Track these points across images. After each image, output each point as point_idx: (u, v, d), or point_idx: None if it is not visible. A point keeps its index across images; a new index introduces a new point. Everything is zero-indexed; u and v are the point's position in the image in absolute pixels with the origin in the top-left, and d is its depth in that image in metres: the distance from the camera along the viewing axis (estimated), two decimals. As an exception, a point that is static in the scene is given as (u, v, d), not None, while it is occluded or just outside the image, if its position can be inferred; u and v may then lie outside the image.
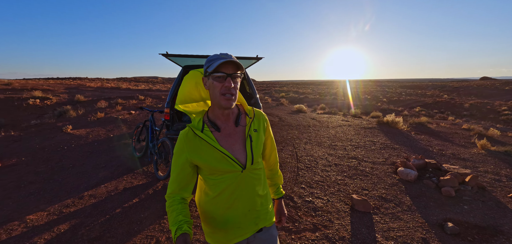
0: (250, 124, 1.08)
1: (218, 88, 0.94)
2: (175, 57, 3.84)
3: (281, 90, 33.06)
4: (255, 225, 1.10)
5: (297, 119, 9.02)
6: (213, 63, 0.93)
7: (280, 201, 1.33)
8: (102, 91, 18.92)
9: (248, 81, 4.45)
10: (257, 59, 3.80)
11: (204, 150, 0.99)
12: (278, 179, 1.31)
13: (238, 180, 1.03)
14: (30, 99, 12.16)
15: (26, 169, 4.26)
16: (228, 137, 1.03)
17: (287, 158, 4.66)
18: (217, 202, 1.03)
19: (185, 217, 0.96)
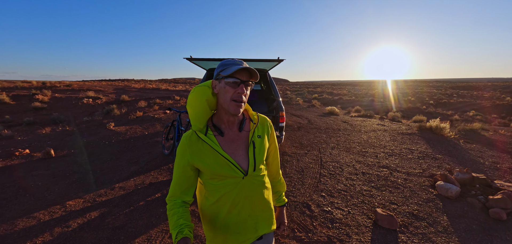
0: (254, 130, 1.07)
1: (230, 93, 0.93)
2: (198, 61, 3.96)
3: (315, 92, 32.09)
4: (255, 231, 1.08)
5: (327, 122, 8.62)
6: (228, 68, 0.93)
7: (281, 209, 1.32)
8: (144, 92, 20.64)
9: (271, 83, 4.38)
10: (278, 61, 3.72)
11: (207, 154, 0.98)
12: (280, 187, 1.29)
13: (239, 186, 1.02)
14: (85, 98, 13.86)
15: (73, 160, 4.83)
16: (231, 142, 1.03)
17: (310, 163, 4.46)
18: (217, 207, 1.03)
19: (186, 220, 0.96)
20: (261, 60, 3.79)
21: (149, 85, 29.36)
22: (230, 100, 0.94)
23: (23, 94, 14.19)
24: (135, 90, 21.25)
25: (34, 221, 2.79)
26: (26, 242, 2.43)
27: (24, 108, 11.63)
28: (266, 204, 1.12)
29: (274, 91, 4.33)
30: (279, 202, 1.30)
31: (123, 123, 8.20)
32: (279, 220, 1.31)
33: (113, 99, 14.97)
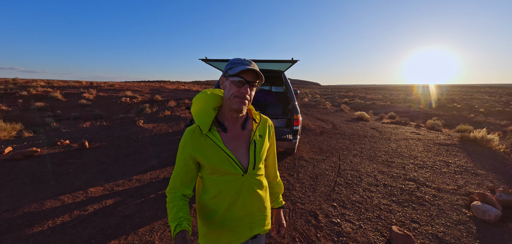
0: (256, 129, 1.09)
1: (234, 91, 0.96)
2: (214, 62, 4.01)
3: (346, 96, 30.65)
4: (250, 230, 1.09)
5: (353, 128, 8.12)
6: (235, 67, 0.96)
7: (279, 211, 1.31)
8: (176, 92, 21.82)
9: (286, 84, 4.25)
10: (292, 62, 3.59)
11: (209, 149, 1.00)
12: (278, 188, 1.30)
13: (238, 183, 1.03)
14: (123, 97, 15.13)
15: (103, 151, 5.26)
16: (233, 139, 1.04)
17: (326, 170, 4.21)
18: (215, 203, 1.04)
19: (185, 214, 0.97)
20: (274, 61, 3.69)
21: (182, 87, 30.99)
22: (234, 97, 0.96)
23: (73, 92, 16.06)
24: (168, 91, 22.58)
25: (59, 203, 3.08)
26: (48, 221, 2.69)
27: (73, 104, 13.13)
28: (263, 203, 1.13)
29: (290, 94, 4.19)
30: (277, 203, 1.30)
31: (151, 121, 8.74)
32: (278, 222, 1.30)
33: (147, 98, 16.08)
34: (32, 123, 9.26)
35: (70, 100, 14.04)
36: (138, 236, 2.45)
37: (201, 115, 1.01)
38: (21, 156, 4.69)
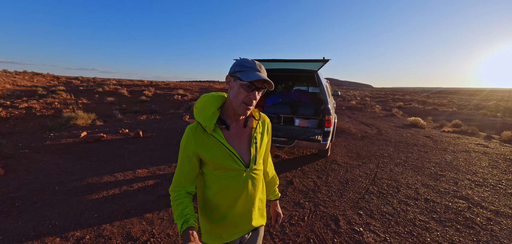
0: (256, 126, 1.12)
1: (242, 96, 0.96)
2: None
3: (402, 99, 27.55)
4: (250, 224, 1.12)
5: (402, 135, 7.32)
6: (247, 73, 0.95)
7: (276, 202, 1.37)
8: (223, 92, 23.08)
9: (320, 84, 4.14)
10: (324, 62, 3.48)
11: (212, 145, 1.02)
12: (273, 181, 1.35)
13: (240, 179, 1.06)
14: (176, 95, 16.78)
15: (153, 141, 6.01)
16: (236, 136, 1.07)
17: (360, 176, 3.95)
18: (218, 199, 1.07)
19: (190, 211, 0.98)
20: (305, 60, 3.64)
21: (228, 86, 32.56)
22: (241, 102, 0.97)
23: (136, 89, 18.57)
24: (215, 90, 24.07)
25: (113, 178, 3.68)
26: (103, 191, 3.26)
27: (135, 100, 15.19)
28: (262, 197, 1.20)
29: (323, 95, 4.07)
30: (274, 196, 1.36)
31: (196, 116, 9.52)
32: (276, 213, 1.36)
33: (196, 96, 17.48)
34: (103, 114, 11.10)
35: (133, 96, 16.28)
36: (168, 213, 2.78)
37: (207, 117, 1.01)
38: (91, 139, 5.72)
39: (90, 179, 3.64)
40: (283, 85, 6.60)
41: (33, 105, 11.01)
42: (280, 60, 3.84)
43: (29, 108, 10.74)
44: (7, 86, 14.17)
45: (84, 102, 13.59)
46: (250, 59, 1.00)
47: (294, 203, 3.11)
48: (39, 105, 11.27)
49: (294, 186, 3.58)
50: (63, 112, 9.48)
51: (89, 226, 2.54)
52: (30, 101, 11.72)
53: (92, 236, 2.39)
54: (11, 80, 16.38)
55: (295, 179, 3.83)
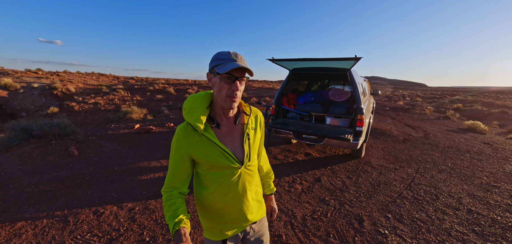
0: (248, 122, 1.11)
1: (225, 89, 0.95)
2: (281, 62, 4.31)
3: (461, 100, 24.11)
4: (248, 218, 1.14)
5: (454, 140, 6.56)
6: (223, 65, 0.93)
7: (271, 197, 1.39)
8: (260, 91, 23.50)
9: (352, 83, 4.05)
10: (356, 60, 3.41)
11: (204, 145, 1.01)
12: (269, 176, 1.37)
13: (235, 176, 1.06)
14: (216, 91, 17.80)
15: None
16: (227, 134, 1.06)
17: (394, 180, 3.76)
18: (214, 197, 1.07)
19: (183, 211, 0.98)
20: (336, 58, 3.62)
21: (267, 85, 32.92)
22: (226, 96, 0.96)
23: (181, 88, 20.19)
24: (253, 89, 24.64)
25: (158, 164, 4.24)
26: (150, 174, 3.80)
27: (180, 97, 16.57)
28: (259, 192, 1.21)
29: (355, 93, 3.97)
30: (269, 190, 1.38)
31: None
32: (271, 208, 1.39)
33: (234, 94, 18.23)
34: (153, 110, 12.45)
35: (179, 94, 17.77)
36: (201, 199, 3.13)
37: (196, 117, 0.99)
38: (143, 131, 6.56)
39: (141, 163, 4.26)
40: (318, 84, 6.54)
41: (98, 101, 12.99)
42: (312, 59, 3.88)
43: (96, 104, 12.70)
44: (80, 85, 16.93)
45: (138, 99, 15.41)
46: (226, 51, 0.97)
47: (319, 199, 3.17)
48: (103, 101, 13.24)
49: (321, 184, 3.62)
50: (121, 108, 10.98)
51: (138, 200, 3.04)
52: (96, 98, 13.84)
53: (141, 208, 2.87)
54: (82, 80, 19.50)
55: (323, 177, 3.85)
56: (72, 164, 4.10)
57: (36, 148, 4.45)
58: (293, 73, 4.82)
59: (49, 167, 3.94)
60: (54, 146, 4.60)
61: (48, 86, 14.03)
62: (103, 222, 2.62)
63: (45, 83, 14.94)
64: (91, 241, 2.33)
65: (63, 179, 3.58)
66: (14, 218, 2.62)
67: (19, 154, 4.27)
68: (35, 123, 4.67)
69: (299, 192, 3.38)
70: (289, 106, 4.90)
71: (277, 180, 3.73)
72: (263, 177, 1.34)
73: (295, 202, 3.12)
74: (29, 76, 17.40)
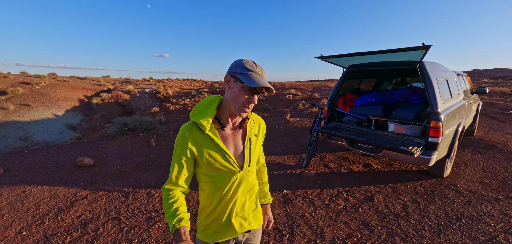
0: (251, 128, 1.13)
1: (243, 99, 0.97)
2: (332, 58, 3.85)
3: None
4: (242, 225, 1.14)
5: None
6: (249, 77, 0.94)
7: (267, 207, 1.38)
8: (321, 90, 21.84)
9: (427, 79, 3.14)
10: (424, 48, 2.60)
11: (207, 146, 1.02)
12: (266, 185, 1.38)
13: (234, 180, 1.07)
14: (287, 94, 17.73)
15: (251, 134, 6.83)
16: (231, 137, 1.08)
17: (487, 216, 2.66)
18: (211, 199, 1.08)
19: (183, 210, 0.99)
20: (398, 50, 2.88)
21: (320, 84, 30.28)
22: (241, 105, 0.97)
23: (257, 89, 21.29)
24: (328, 89, 23.14)
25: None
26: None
27: (254, 98, 17.54)
28: (255, 200, 1.21)
29: (430, 92, 3.06)
30: (266, 199, 1.37)
31: (298, 115, 9.70)
32: (267, 217, 1.38)
33: (306, 96, 17.65)
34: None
35: (253, 95, 18.88)
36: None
37: (203, 116, 1.01)
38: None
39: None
40: (383, 82, 5.45)
41: (187, 103, 15.46)
42: (369, 53, 3.25)
43: (185, 105, 15.16)
44: (176, 90, 20.64)
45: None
46: (251, 61, 0.98)
47: (361, 223, 2.62)
48: (190, 103, 15.66)
49: (372, 203, 2.98)
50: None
51: (193, 189, 3.36)
52: (185, 99, 16.52)
53: (195, 196, 3.20)
54: (179, 85, 23.71)
55: (378, 196, 3.17)
56: (148, 153, 5.04)
57: (129, 138, 5.73)
58: (349, 71, 4.20)
59: (133, 153, 4.99)
60: (140, 138, 5.80)
61: (154, 91, 17.88)
62: (150, 202, 3.07)
63: (153, 88, 19.11)
64: (136, 215, 2.79)
65: (138, 163, 4.45)
66: (98, 188, 3.46)
67: (118, 142, 5.62)
68: (130, 119, 6.05)
69: (340, 208, 2.91)
70: (345, 108, 4.29)
71: (318, 191, 3.34)
72: (261, 185, 1.35)
73: (330, 219, 2.70)
74: (144, 83, 22.74)
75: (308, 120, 8.43)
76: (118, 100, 15.88)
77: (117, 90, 18.14)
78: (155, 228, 2.57)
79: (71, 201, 3.10)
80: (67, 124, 11.86)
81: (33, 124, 10.85)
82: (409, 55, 2.96)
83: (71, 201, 3.10)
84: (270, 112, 11.75)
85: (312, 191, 3.36)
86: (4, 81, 14.48)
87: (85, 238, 2.42)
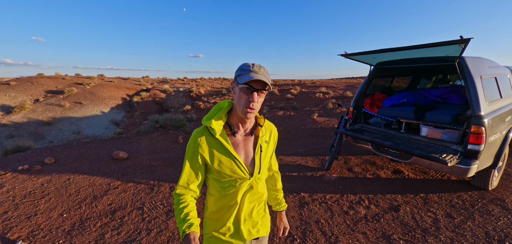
0: (263, 135, 1.12)
1: (243, 99, 0.97)
2: (358, 56, 3.62)
3: None
4: (251, 233, 1.14)
5: None
6: (243, 76, 0.96)
7: (282, 213, 1.35)
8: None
9: (466, 76, 2.77)
10: (462, 42, 2.28)
11: (218, 151, 1.02)
12: (280, 192, 1.34)
13: (243, 187, 1.07)
14: (317, 93, 17.18)
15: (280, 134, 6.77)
16: (242, 143, 1.07)
17: None
18: (220, 205, 1.08)
19: (193, 215, 1.00)
20: (433, 44, 2.57)
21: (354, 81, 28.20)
22: (243, 106, 0.97)
23: (285, 88, 21.00)
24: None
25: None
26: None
27: (282, 98, 17.35)
28: (264, 207, 1.20)
29: (471, 92, 2.69)
30: (281, 207, 1.34)
31: (326, 115, 9.35)
32: (283, 224, 1.34)
33: (338, 95, 16.89)
34: (256, 108, 13.76)
35: (281, 94, 18.66)
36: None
37: (214, 121, 1.02)
38: (235, 127, 7.48)
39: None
40: (420, 80, 4.92)
41: (216, 101, 15.99)
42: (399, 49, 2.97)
43: (215, 103, 15.72)
44: (208, 89, 21.46)
45: (247, 99, 17.57)
46: (249, 63, 0.99)
47: (382, 235, 2.43)
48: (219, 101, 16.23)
49: (397, 214, 2.74)
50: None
51: None
52: (216, 98, 17.10)
53: (206, 192, 3.33)
54: (210, 84, 24.62)
55: (405, 206, 2.89)
56: (175, 149, 5.35)
57: (160, 135, 6.15)
58: (377, 69, 3.90)
59: (162, 149, 5.34)
60: (170, 134, 6.18)
61: (188, 90, 18.86)
62: (171, 196, 3.26)
63: (187, 88, 20.17)
64: (158, 207, 2.98)
65: (165, 159, 4.75)
66: (128, 180, 3.79)
67: (150, 138, 6.07)
68: (161, 117, 6.48)
69: (359, 217, 2.73)
70: (372, 109, 4.00)
71: (338, 196, 3.19)
72: (274, 192, 1.33)
73: (346, 228, 2.55)
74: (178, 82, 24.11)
75: (336, 120, 8.08)
76: (155, 99, 17.13)
77: (155, 89, 19.58)
78: (173, 220, 2.71)
79: (105, 190, 3.44)
80: (112, 120, 13.19)
81: (84, 119, 12.30)
82: (446, 50, 2.64)
83: (105, 190, 3.44)
84: (297, 111, 11.53)
85: (331, 195, 3.21)
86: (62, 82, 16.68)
87: (112, 224, 2.67)
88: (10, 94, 14.05)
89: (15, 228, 2.59)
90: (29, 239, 2.43)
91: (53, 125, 11.38)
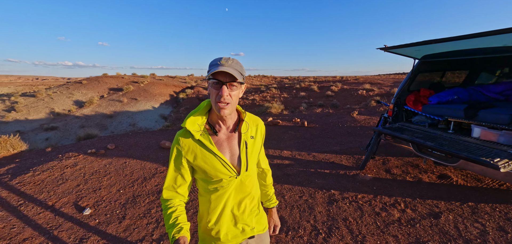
0: (247, 131, 1.08)
1: (214, 94, 0.93)
2: (399, 49, 3.38)
3: None
4: (245, 231, 1.12)
5: None
6: (210, 69, 0.93)
7: (273, 210, 1.34)
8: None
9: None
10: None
11: (201, 152, 0.99)
12: (271, 188, 1.33)
13: (231, 186, 1.04)
14: (360, 90, 16.14)
15: (311, 131, 6.69)
16: (225, 141, 1.04)
17: None
18: (210, 206, 1.06)
19: (182, 219, 0.98)
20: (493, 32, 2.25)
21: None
22: (215, 102, 0.94)
23: (325, 85, 20.26)
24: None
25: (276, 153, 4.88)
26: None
27: (322, 95, 16.81)
28: (257, 205, 1.18)
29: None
30: (271, 203, 1.32)
31: (367, 113, 8.79)
32: (274, 222, 1.34)
33: (384, 92, 15.60)
34: (293, 106, 13.68)
35: (321, 91, 18.09)
36: (283, 188, 3.31)
37: (193, 122, 1.00)
38: (271, 124, 7.60)
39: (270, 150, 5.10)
40: (479, 74, 4.26)
41: (255, 98, 16.35)
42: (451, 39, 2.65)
43: (253, 100, 16.08)
44: (247, 86, 22.02)
45: (285, 96, 17.54)
46: (220, 57, 0.96)
47: (415, 240, 2.29)
48: (258, 98, 16.49)
49: (437, 221, 2.52)
50: (269, 103, 13.14)
51: None
52: (255, 95, 17.48)
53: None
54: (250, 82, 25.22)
55: (448, 214, 2.64)
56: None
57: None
58: (423, 63, 3.56)
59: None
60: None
61: (229, 87, 19.82)
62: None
63: (228, 84, 21.19)
64: (196, 190, 3.31)
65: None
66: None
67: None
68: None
69: (392, 219, 2.60)
70: (416, 107, 3.68)
71: (371, 196, 3.07)
72: (264, 187, 1.30)
73: (376, 229, 2.47)
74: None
75: (377, 119, 7.55)
76: (199, 96, 18.38)
77: (198, 86, 21.00)
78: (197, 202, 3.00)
79: (153, 173, 3.95)
80: (161, 114, 14.67)
81: (138, 113, 13.99)
82: (508, 38, 2.30)
83: (153, 173, 3.95)
84: (336, 109, 11.08)
85: (363, 195, 3.11)
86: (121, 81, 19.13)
87: (157, 201, 3.09)
88: (82, 91, 16.80)
89: (85, 198, 3.21)
90: (94, 207, 2.99)
91: (114, 117, 13.26)
